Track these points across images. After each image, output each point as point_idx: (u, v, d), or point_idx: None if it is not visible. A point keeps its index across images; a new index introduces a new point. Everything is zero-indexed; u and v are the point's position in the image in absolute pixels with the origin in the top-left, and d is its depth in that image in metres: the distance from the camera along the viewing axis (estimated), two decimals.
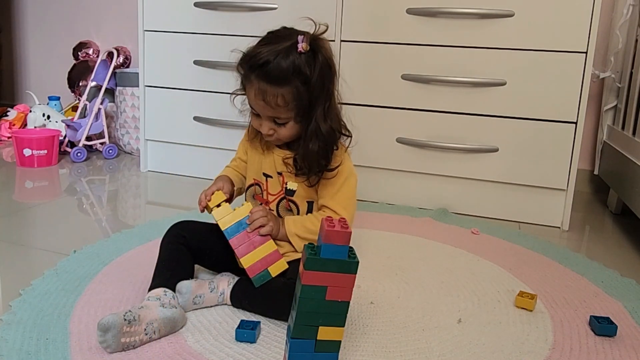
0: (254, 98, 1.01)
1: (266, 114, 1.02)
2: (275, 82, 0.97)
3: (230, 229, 1.04)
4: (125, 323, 0.88)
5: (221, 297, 1.05)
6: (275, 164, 1.11)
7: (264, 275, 1.03)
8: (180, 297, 1.00)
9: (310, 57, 0.98)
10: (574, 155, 1.63)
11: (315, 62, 0.98)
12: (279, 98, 0.98)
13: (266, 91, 0.98)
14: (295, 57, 0.97)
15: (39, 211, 1.63)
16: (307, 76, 0.98)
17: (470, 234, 1.57)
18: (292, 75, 0.97)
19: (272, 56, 0.96)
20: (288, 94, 0.98)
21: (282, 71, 0.96)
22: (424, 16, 1.69)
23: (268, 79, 0.97)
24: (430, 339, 0.98)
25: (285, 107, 1.00)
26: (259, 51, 0.98)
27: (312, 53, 0.98)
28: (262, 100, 0.99)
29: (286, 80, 0.97)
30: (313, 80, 0.98)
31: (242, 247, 1.03)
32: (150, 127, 2.10)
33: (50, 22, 2.94)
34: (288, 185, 1.10)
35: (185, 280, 1.02)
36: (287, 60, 0.96)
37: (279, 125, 1.03)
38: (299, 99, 0.99)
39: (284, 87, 0.98)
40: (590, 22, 1.55)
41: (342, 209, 1.07)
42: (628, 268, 1.38)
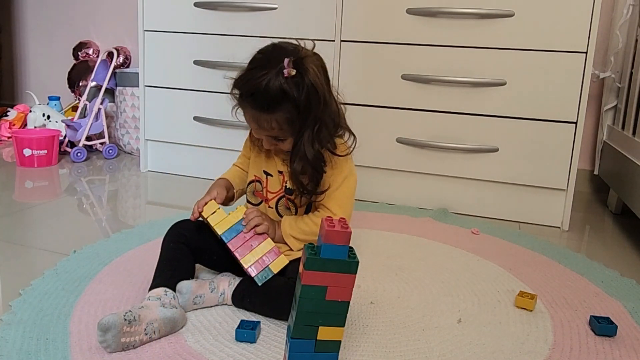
0: (250, 121, 1.05)
1: (264, 135, 1.06)
2: (266, 110, 1.00)
3: (227, 232, 1.05)
4: (126, 323, 0.88)
5: (222, 297, 1.05)
6: (277, 163, 1.12)
7: (265, 273, 1.03)
8: (181, 297, 1.00)
9: (298, 80, 0.98)
10: (574, 155, 1.63)
11: (302, 84, 0.99)
12: (273, 122, 1.01)
13: (259, 118, 1.01)
14: (281, 82, 0.97)
15: (39, 211, 1.63)
16: (295, 99, 0.99)
17: (470, 234, 1.57)
18: (281, 100, 0.98)
19: (261, 84, 0.97)
20: (280, 118, 1.01)
21: (271, 99, 0.98)
22: (424, 16, 1.69)
23: (259, 107, 1.00)
24: (430, 339, 0.98)
25: (279, 129, 1.02)
26: (249, 78, 1.00)
27: (299, 75, 0.99)
28: (257, 124, 1.03)
29: (277, 106, 0.99)
30: (301, 102, 0.99)
31: (241, 248, 1.04)
32: (150, 127, 2.10)
33: (50, 22, 2.94)
34: (288, 185, 1.11)
35: (185, 280, 1.02)
36: (275, 87, 0.97)
37: (279, 140, 1.06)
38: (292, 121, 1.01)
39: (275, 113, 1.00)
40: (590, 22, 1.55)
41: (338, 208, 1.08)
42: (628, 268, 1.38)
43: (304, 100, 0.99)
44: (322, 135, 1.04)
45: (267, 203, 1.14)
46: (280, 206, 1.13)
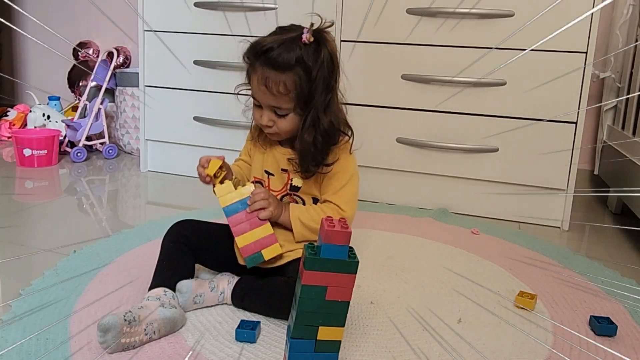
0: (257, 84, 1.01)
1: (267, 103, 1.03)
2: (278, 68, 0.98)
3: (230, 207, 1.03)
4: (126, 324, 0.88)
5: (221, 297, 1.05)
6: (278, 162, 1.11)
7: (256, 257, 1.03)
8: (181, 296, 1.00)
9: (314, 49, 1.00)
10: (574, 155, 1.63)
11: (318, 54, 1.00)
12: (281, 85, 0.99)
13: (269, 77, 0.99)
14: (299, 46, 0.98)
15: (39, 211, 1.63)
16: (310, 67, 0.99)
17: (470, 234, 1.57)
18: (295, 63, 0.98)
19: (276, 44, 0.98)
20: (290, 82, 0.99)
21: (285, 58, 0.98)
22: (424, 16, 1.69)
23: (271, 65, 0.99)
24: (430, 339, 0.98)
25: (286, 95, 1.00)
26: (264, 40, 1.01)
27: (316, 45, 1.00)
28: (265, 85, 1.00)
29: (289, 67, 0.98)
30: (315, 71, 0.99)
31: (239, 226, 1.03)
32: (150, 127, 2.10)
33: (51, 22, 2.94)
34: (293, 182, 1.10)
35: (185, 280, 1.02)
36: (291, 49, 0.98)
37: (279, 116, 1.03)
38: (300, 88, 1.00)
39: (286, 74, 0.99)
40: (590, 22, 1.55)
41: (345, 205, 1.07)
42: (628, 268, 1.38)
43: (318, 69, 0.99)
44: (335, 107, 1.04)
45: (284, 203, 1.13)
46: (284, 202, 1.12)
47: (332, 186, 1.08)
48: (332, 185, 1.08)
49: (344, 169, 1.08)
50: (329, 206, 1.07)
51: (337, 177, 1.07)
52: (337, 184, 1.07)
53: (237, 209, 1.04)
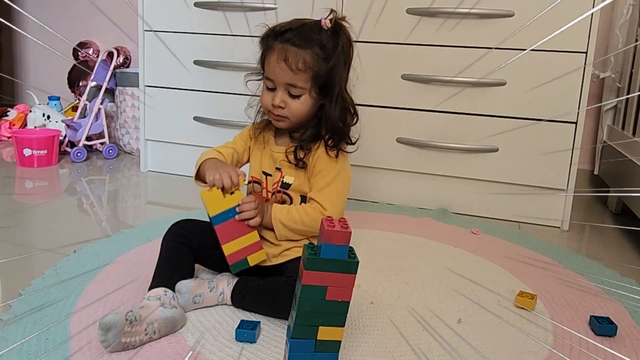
0: (275, 61, 1.03)
1: (284, 80, 1.04)
2: (298, 45, 1.02)
3: (218, 216, 1.02)
4: (127, 323, 0.88)
5: (221, 297, 1.05)
6: (274, 160, 1.11)
7: (242, 263, 1.04)
8: (180, 296, 1.00)
9: (333, 36, 1.04)
10: (574, 155, 1.63)
11: (337, 38, 1.05)
12: (300, 61, 1.02)
13: (289, 51, 1.02)
14: (318, 30, 1.03)
15: (39, 211, 1.63)
16: (328, 50, 1.03)
17: (470, 234, 1.57)
18: (314, 42, 1.02)
19: (296, 25, 1.04)
20: (309, 58, 1.02)
21: (306, 36, 1.02)
22: (424, 16, 1.69)
23: (292, 41, 1.03)
24: (430, 339, 0.98)
25: (304, 71, 1.02)
26: (284, 23, 1.06)
27: (334, 32, 1.04)
28: (284, 60, 1.02)
29: (309, 44, 1.02)
30: (334, 56, 1.03)
31: (226, 234, 1.03)
32: (150, 127, 2.10)
33: (51, 22, 2.94)
34: (285, 179, 1.10)
35: (184, 280, 1.02)
36: (312, 30, 1.03)
37: (292, 97, 1.05)
38: (318, 67, 1.02)
39: (306, 50, 1.02)
40: (590, 22, 1.55)
41: (329, 204, 1.06)
42: (628, 268, 1.38)
43: (337, 54, 1.04)
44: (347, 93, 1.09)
45: (268, 202, 1.14)
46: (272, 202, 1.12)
47: (317, 184, 1.07)
48: (318, 183, 1.07)
49: (330, 166, 1.07)
50: (311, 206, 1.07)
51: (322, 175, 1.07)
52: (322, 182, 1.07)
53: (226, 218, 1.03)
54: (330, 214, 1.05)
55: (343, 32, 1.06)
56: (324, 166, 1.07)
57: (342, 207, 1.10)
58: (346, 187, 1.10)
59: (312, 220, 1.05)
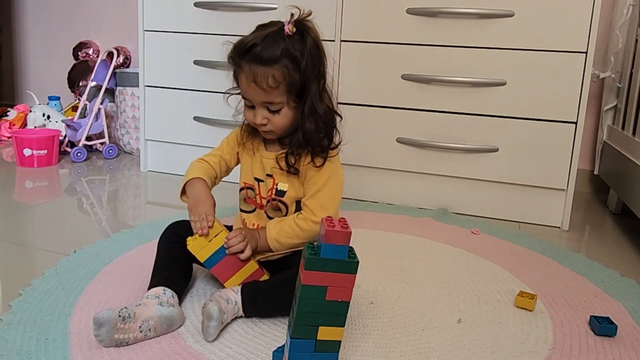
0: (245, 82, 1.01)
1: (259, 99, 1.01)
2: (264, 63, 0.98)
3: (210, 259, 1.02)
4: (120, 319, 0.88)
5: (236, 307, 1.00)
6: (264, 167, 1.09)
7: None
8: (214, 322, 0.93)
9: (298, 40, 0.99)
10: (574, 155, 1.63)
11: (304, 44, 0.99)
12: (270, 78, 0.98)
13: (256, 72, 0.98)
14: (283, 39, 0.98)
15: (39, 211, 1.63)
16: (297, 57, 0.98)
17: (470, 234, 1.57)
18: (280, 55, 0.98)
19: (259, 39, 0.98)
20: (278, 74, 0.98)
21: (270, 51, 0.97)
22: (424, 16, 1.69)
23: (258, 60, 0.98)
24: (430, 339, 0.98)
25: (276, 88, 0.99)
26: (247, 37, 1.01)
27: (300, 35, 1.00)
28: (253, 81, 0.99)
29: (275, 60, 0.98)
30: (304, 61, 0.99)
31: (225, 273, 1.04)
32: (150, 127, 2.10)
33: (50, 22, 2.94)
34: (278, 187, 1.08)
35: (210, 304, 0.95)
36: (275, 42, 0.98)
37: (272, 112, 1.02)
38: (290, 79, 0.99)
39: (273, 67, 0.98)
40: (590, 22, 1.55)
41: (320, 208, 1.04)
42: (628, 268, 1.38)
43: (306, 57, 0.99)
44: (328, 93, 1.04)
45: (263, 209, 1.12)
46: (268, 208, 1.11)
47: (309, 190, 1.06)
48: (310, 189, 1.05)
49: (320, 171, 1.05)
50: (302, 216, 1.05)
51: (313, 181, 1.05)
52: (314, 187, 1.05)
53: (217, 259, 1.03)
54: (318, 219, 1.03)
55: (309, 34, 1.00)
56: (314, 172, 1.05)
57: (336, 210, 1.07)
58: (339, 189, 1.08)
59: (304, 232, 1.04)
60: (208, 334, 0.93)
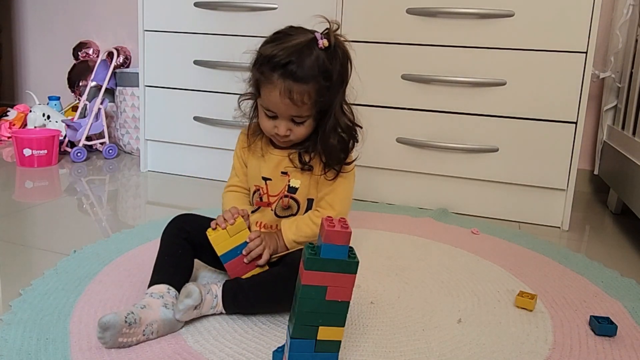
0: (279, 97, 0.98)
1: (289, 113, 1.01)
2: (301, 80, 0.96)
3: (227, 254, 1.04)
4: (126, 325, 0.88)
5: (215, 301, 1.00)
6: (278, 164, 1.10)
7: None
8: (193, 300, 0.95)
9: (331, 53, 0.99)
10: (574, 155, 1.63)
11: (335, 57, 0.99)
12: (305, 95, 0.98)
13: (292, 89, 0.97)
14: (317, 52, 0.97)
15: (39, 211, 1.63)
16: (330, 72, 0.98)
17: (470, 234, 1.57)
18: (317, 72, 0.97)
19: (295, 55, 0.96)
20: (313, 91, 0.98)
21: (307, 68, 0.96)
22: (424, 16, 1.69)
23: (294, 77, 0.96)
24: (430, 339, 0.98)
25: (310, 104, 0.99)
26: (279, 50, 0.97)
27: (332, 49, 0.99)
28: (289, 98, 0.97)
29: (312, 77, 0.97)
30: (334, 75, 0.99)
31: (237, 270, 1.05)
32: (150, 127, 2.10)
33: (50, 22, 2.94)
34: (291, 183, 1.09)
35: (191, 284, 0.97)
36: (311, 57, 0.97)
37: (297, 124, 1.03)
38: (322, 95, 0.99)
39: (310, 84, 0.97)
40: (590, 22, 1.55)
41: (339, 205, 1.07)
42: (628, 268, 1.38)
43: (338, 72, 0.99)
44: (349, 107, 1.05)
45: (270, 207, 1.12)
46: (277, 207, 1.11)
47: (325, 190, 1.08)
48: (326, 189, 1.08)
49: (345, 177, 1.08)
50: (317, 214, 1.08)
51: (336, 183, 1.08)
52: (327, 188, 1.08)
53: (235, 255, 1.04)
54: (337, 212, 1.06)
55: (340, 47, 1.00)
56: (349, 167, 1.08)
57: (348, 209, 1.10)
58: (351, 189, 1.10)
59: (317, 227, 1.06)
60: (178, 310, 0.92)
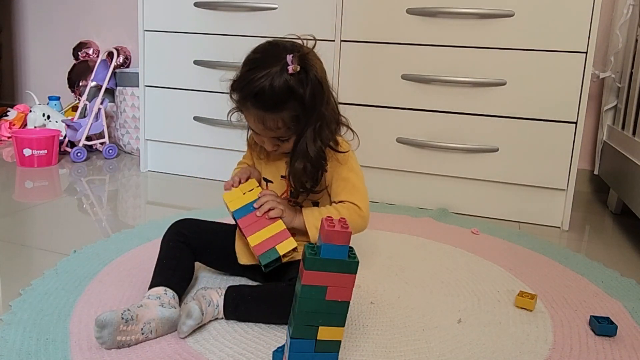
0: (254, 123, 1.01)
1: (267, 135, 1.03)
2: (272, 109, 0.97)
3: (239, 210, 1.04)
4: (123, 322, 0.88)
5: (216, 311, 0.99)
6: (278, 168, 1.11)
7: (270, 253, 1.00)
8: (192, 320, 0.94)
9: (302, 76, 0.97)
10: (574, 155, 1.63)
11: (307, 81, 0.97)
12: (279, 122, 0.99)
13: (264, 118, 0.99)
14: (287, 78, 0.96)
15: (39, 211, 1.63)
16: (301, 95, 0.97)
17: (470, 234, 1.57)
18: (287, 98, 0.96)
19: (265, 83, 0.95)
20: (287, 117, 0.99)
21: (278, 98, 0.96)
22: (424, 16, 1.69)
23: (265, 107, 0.97)
24: (430, 339, 0.98)
25: (285, 128, 1.00)
26: (250, 78, 0.97)
27: (304, 72, 0.97)
28: (262, 125, 1.00)
29: (283, 105, 0.97)
30: (306, 99, 0.97)
31: (250, 226, 1.03)
32: (150, 127, 2.10)
33: (50, 22, 2.94)
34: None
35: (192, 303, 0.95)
36: (280, 85, 0.95)
37: (282, 141, 1.04)
38: (297, 119, 0.99)
39: (282, 112, 0.98)
40: (590, 22, 1.55)
41: (361, 202, 1.06)
42: (628, 268, 1.38)
43: (309, 97, 0.97)
44: (324, 133, 1.02)
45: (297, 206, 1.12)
46: None
47: (342, 187, 1.07)
48: (342, 185, 1.07)
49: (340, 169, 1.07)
50: (344, 206, 1.06)
51: (344, 178, 1.07)
52: (346, 184, 1.07)
53: (247, 211, 1.04)
54: (365, 213, 1.06)
55: (312, 71, 0.97)
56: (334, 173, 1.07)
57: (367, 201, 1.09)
58: (364, 183, 1.10)
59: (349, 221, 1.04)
60: (181, 331, 0.93)
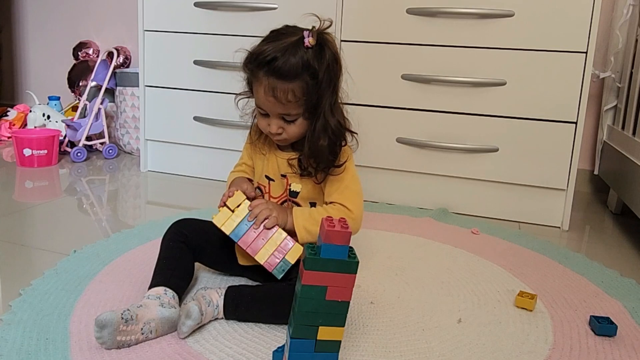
0: (264, 95, 1.00)
1: (276, 111, 1.01)
2: (285, 78, 0.97)
3: (235, 231, 1.02)
4: (122, 322, 0.88)
5: (217, 311, 0.99)
6: (279, 167, 1.10)
7: (283, 266, 1.00)
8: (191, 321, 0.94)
9: (318, 52, 0.98)
10: (574, 155, 1.63)
11: (322, 56, 0.99)
12: (289, 94, 0.98)
13: (276, 87, 0.98)
14: (303, 51, 0.97)
15: (39, 211, 1.63)
16: (316, 70, 0.98)
17: (470, 234, 1.57)
18: (301, 69, 0.97)
19: (280, 52, 0.96)
20: (298, 89, 0.98)
21: (291, 66, 0.96)
22: (424, 16, 1.69)
23: (278, 75, 0.97)
24: (430, 339, 0.98)
25: (295, 102, 0.99)
26: (265, 48, 0.98)
27: (319, 48, 0.99)
28: (272, 96, 0.98)
29: (296, 75, 0.97)
30: (321, 74, 0.98)
31: (253, 244, 1.01)
32: (150, 127, 2.10)
33: (51, 22, 2.94)
34: (292, 187, 1.09)
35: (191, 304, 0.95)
36: (296, 55, 0.96)
37: (288, 122, 1.03)
38: (309, 93, 0.99)
39: (294, 82, 0.97)
40: (590, 22, 1.55)
41: (351, 204, 1.05)
42: (628, 268, 1.38)
43: (325, 72, 0.98)
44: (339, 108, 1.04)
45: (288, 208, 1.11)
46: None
47: (335, 187, 1.07)
48: (335, 186, 1.07)
49: (346, 167, 1.07)
50: (334, 207, 1.05)
51: (338, 178, 1.06)
52: (340, 184, 1.06)
53: (243, 230, 1.02)
54: (355, 215, 1.04)
55: (328, 47, 1.00)
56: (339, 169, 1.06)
57: (362, 203, 1.08)
58: (360, 186, 1.09)
59: None
60: (181, 331, 0.93)
